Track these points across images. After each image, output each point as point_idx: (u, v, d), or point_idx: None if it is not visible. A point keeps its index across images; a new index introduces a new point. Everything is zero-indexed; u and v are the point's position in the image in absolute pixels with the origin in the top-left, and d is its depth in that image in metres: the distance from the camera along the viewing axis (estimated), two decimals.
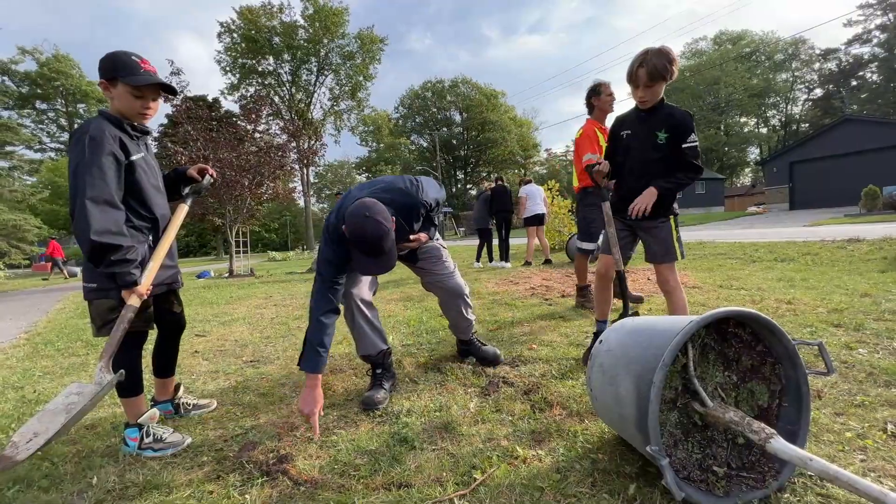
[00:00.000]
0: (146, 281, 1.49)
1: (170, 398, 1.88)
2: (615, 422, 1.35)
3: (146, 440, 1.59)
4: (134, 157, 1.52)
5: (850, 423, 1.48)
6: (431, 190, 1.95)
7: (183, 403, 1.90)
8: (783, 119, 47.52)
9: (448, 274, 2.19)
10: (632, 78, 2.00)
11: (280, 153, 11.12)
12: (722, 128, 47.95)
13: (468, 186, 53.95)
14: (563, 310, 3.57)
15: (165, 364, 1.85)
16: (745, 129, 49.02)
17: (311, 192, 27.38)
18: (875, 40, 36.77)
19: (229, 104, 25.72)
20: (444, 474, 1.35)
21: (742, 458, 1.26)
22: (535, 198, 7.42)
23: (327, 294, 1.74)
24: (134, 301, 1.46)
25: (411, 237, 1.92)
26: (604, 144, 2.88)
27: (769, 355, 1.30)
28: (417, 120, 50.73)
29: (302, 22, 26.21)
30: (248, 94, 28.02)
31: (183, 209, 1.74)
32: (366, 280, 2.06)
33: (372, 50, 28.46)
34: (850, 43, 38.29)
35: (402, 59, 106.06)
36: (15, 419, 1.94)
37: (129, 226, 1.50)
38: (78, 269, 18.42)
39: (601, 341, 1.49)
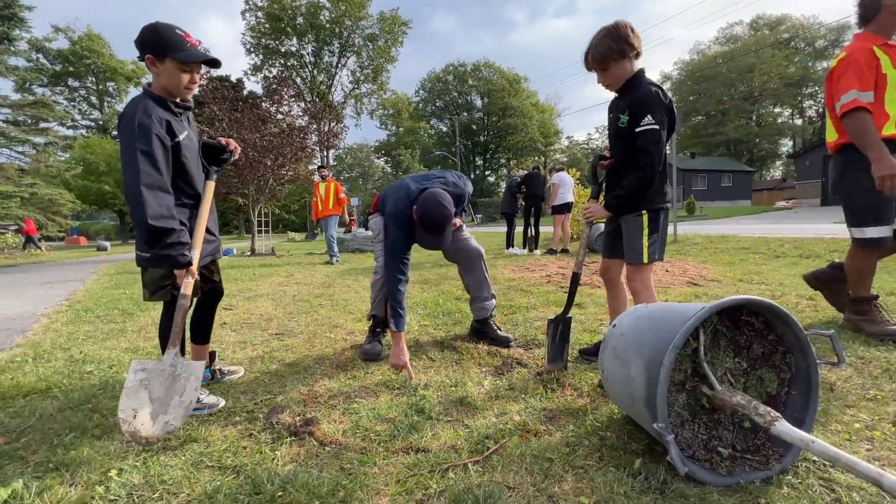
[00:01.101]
0: (195, 260, 1.59)
1: (208, 365, 1.99)
2: (625, 402, 1.41)
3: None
4: (179, 138, 1.58)
5: (861, 415, 1.50)
6: (469, 185, 2.42)
7: (219, 370, 2.04)
8: (820, 110, 45.30)
9: (468, 238, 2.54)
10: (587, 67, 1.93)
11: (302, 135, 11.24)
12: (754, 118, 46.10)
13: (486, 173, 53.54)
14: (579, 297, 3.60)
15: (203, 331, 1.95)
16: (779, 120, 47.02)
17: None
18: None
19: (252, 85, 26.00)
20: (459, 443, 1.44)
21: (748, 441, 1.30)
22: (567, 186, 7.42)
23: (400, 267, 2.11)
24: (188, 287, 1.55)
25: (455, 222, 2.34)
26: (889, 71, 2.01)
27: (780, 344, 1.33)
28: (438, 104, 50.32)
29: (325, 2, 26.10)
30: (271, 76, 28.28)
31: (211, 186, 1.80)
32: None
33: (394, 32, 28.20)
34: None
35: (425, 41, 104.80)
36: (66, 375, 2.12)
37: (178, 204, 1.58)
38: (108, 244, 19.19)
39: (614, 325, 1.54)
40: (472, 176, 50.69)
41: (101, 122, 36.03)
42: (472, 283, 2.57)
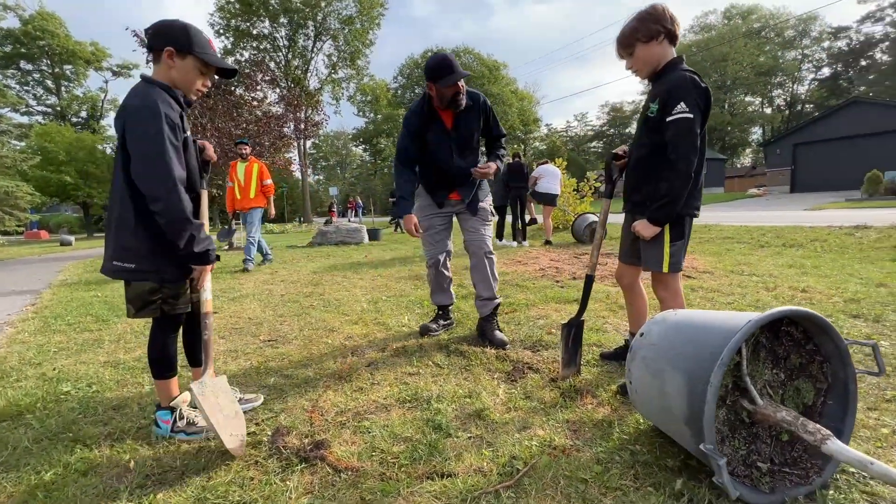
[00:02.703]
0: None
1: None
2: (657, 414, 1.35)
3: (178, 423, 1.57)
4: (187, 133, 1.51)
5: (884, 418, 1.49)
6: (503, 129, 2.57)
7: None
8: (788, 99, 46.81)
9: (481, 231, 2.53)
10: (617, 53, 1.80)
11: (280, 123, 10.82)
12: (726, 107, 47.20)
13: None
14: (577, 293, 3.57)
15: (197, 352, 1.74)
16: (750, 109, 48.34)
17: (308, 164, 26.80)
18: (888, 18, 35.86)
19: None
20: (485, 464, 1.35)
21: (785, 454, 1.26)
22: (554, 178, 7.33)
23: (408, 163, 2.45)
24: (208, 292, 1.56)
25: (488, 165, 2.41)
26: None
27: (818, 354, 1.29)
28: (417, 90, 49.41)
29: None
30: (243, 59, 27.07)
31: (204, 195, 1.68)
32: (445, 255, 2.61)
33: (371, 15, 27.35)
34: (862, 21, 37.35)
35: (403, 25, 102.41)
36: (39, 398, 1.92)
37: None
38: (72, 238, 18.16)
39: (642, 334, 1.47)
40: None
41: (58, 108, 33.83)
42: (475, 280, 2.56)
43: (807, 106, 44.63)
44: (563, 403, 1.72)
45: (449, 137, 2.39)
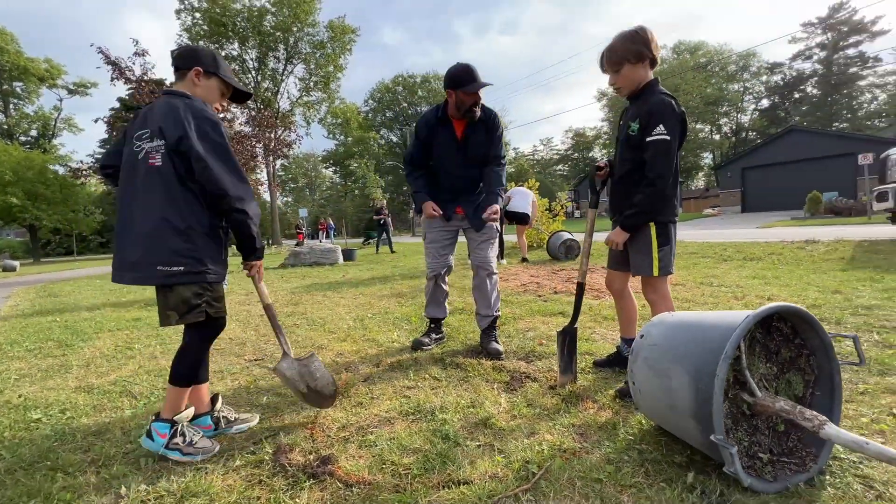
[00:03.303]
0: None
1: (207, 411, 1.68)
2: (662, 412, 1.40)
3: (175, 439, 1.48)
4: None
5: (861, 409, 1.61)
6: (502, 151, 2.60)
7: (223, 417, 1.70)
8: (734, 127, 50.57)
9: (490, 258, 2.57)
10: (602, 68, 1.91)
11: (251, 143, 10.66)
12: None
13: None
14: (560, 305, 3.65)
15: (204, 368, 1.69)
16: (700, 135, 51.85)
17: (277, 184, 26.27)
18: (815, 57, 39.83)
19: None
20: (500, 470, 1.35)
21: (782, 444, 1.34)
22: (525, 198, 7.55)
23: (415, 171, 2.57)
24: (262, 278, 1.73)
25: (493, 208, 2.43)
26: None
27: (805, 348, 1.39)
28: (388, 114, 50.11)
29: (270, 7, 25.07)
30: None
31: None
32: (446, 270, 2.66)
33: (343, 40, 27.72)
34: (794, 58, 41.25)
35: (373, 52, 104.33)
36: (7, 427, 1.76)
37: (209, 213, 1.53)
38: (16, 263, 16.84)
39: (642, 336, 1.53)
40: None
41: (5, 127, 31.93)
42: (476, 297, 2.64)
43: (750, 133, 48.34)
44: (566, 409, 1.74)
45: (457, 146, 2.44)
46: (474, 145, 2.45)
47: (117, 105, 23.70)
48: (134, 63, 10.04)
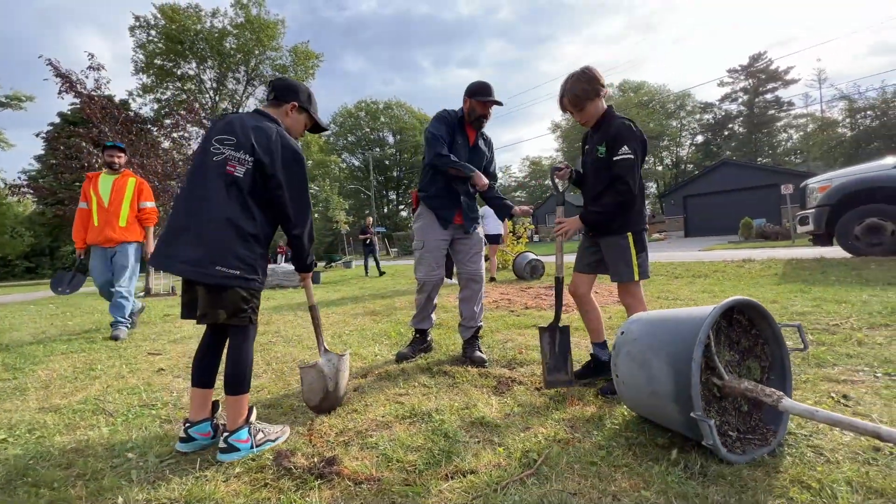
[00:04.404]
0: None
1: (208, 417, 1.64)
2: (645, 400, 1.55)
3: (258, 437, 1.58)
4: None
5: (805, 394, 1.84)
6: (497, 173, 2.90)
7: (223, 424, 1.63)
8: (674, 159, 55.05)
9: (480, 269, 2.73)
10: (562, 108, 2.12)
11: None
12: None
13: (400, 207, 54.23)
14: (533, 319, 3.82)
15: (216, 374, 1.70)
16: (646, 167, 55.94)
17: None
18: (740, 99, 44.66)
19: (140, 108, 23.32)
20: (502, 460, 1.43)
21: (747, 423, 1.52)
22: (496, 218, 7.83)
23: (442, 151, 2.51)
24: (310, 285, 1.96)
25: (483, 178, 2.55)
26: None
27: (760, 337, 1.60)
28: (350, 138, 50.22)
29: (231, 30, 24.86)
30: (164, 98, 25.69)
31: None
32: (438, 281, 2.73)
33: (307, 65, 27.84)
34: (722, 100, 46.04)
35: (335, 78, 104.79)
36: None
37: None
38: None
39: (623, 332, 1.69)
40: (386, 210, 50.90)
41: None
42: (463, 309, 2.74)
43: (688, 165, 52.74)
44: (555, 406, 1.86)
45: (468, 151, 2.64)
46: (480, 155, 2.69)
47: (57, 120, 22.25)
48: (87, 77, 9.58)
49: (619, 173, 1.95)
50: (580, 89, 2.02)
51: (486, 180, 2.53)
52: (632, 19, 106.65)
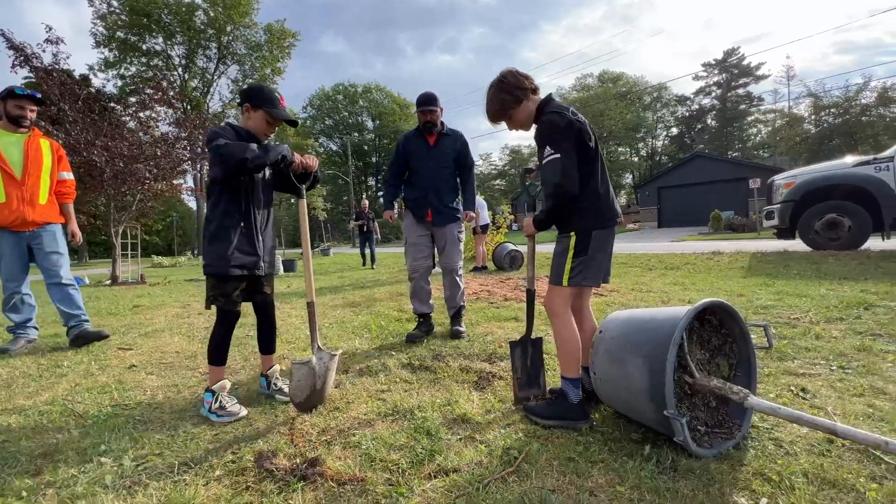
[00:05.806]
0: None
1: (263, 373, 2.17)
2: (621, 396, 1.61)
3: (214, 405, 1.86)
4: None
5: (768, 388, 1.95)
6: (471, 160, 3.26)
7: (274, 381, 2.12)
8: (649, 151, 56.24)
9: (456, 259, 3.17)
10: (491, 122, 1.96)
11: (182, 146, 9.93)
12: (605, 154, 54.92)
13: (379, 193, 53.59)
14: (512, 311, 3.88)
15: (269, 342, 2.18)
16: (622, 158, 56.96)
17: (202, 190, 24.50)
18: (713, 94, 45.83)
19: (101, 83, 22.01)
20: (484, 458, 1.46)
21: (714, 418, 1.60)
22: (483, 209, 7.90)
23: (395, 181, 3.25)
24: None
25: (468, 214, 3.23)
26: None
27: (729, 336, 1.68)
28: (327, 122, 49.04)
29: (201, 3, 23.59)
30: (128, 74, 24.32)
31: (303, 204, 2.09)
32: (425, 269, 3.15)
33: (282, 45, 26.82)
34: (697, 93, 47.16)
35: (313, 59, 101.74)
36: None
37: (230, 212, 1.94)
38: None
39: (601, 331, 1.74)
40: (365, 196, 50.20)
41: None
42: (446, 295, 3.23)
43: (663, 157, 54.02)
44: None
45: (430, 152, 3.08)
46: (443, 153, 3.10)
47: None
48: (45, 50, 8.95)
49: (544, 176, 1.75)
50: (499, 101, 1.84)
51: (387, 216, 3.30)
52: (610, 9, 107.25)
